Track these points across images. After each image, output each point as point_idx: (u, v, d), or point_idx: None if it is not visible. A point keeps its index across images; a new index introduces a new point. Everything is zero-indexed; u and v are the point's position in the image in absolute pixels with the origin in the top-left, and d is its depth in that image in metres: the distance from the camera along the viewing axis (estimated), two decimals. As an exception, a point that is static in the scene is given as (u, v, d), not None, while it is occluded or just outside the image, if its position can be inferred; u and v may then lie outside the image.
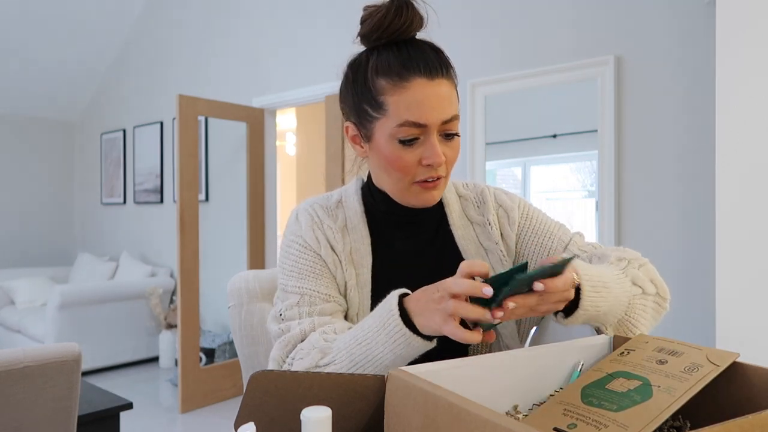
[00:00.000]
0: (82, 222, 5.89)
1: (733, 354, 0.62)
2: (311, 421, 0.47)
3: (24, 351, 1.04)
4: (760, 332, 1.64)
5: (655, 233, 2.34)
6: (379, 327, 0.75)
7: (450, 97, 0.86)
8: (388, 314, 0.74)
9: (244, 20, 4.13)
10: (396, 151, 0.86)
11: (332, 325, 0.86)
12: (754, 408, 0.59)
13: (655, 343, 0.70)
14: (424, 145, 0.86)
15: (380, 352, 0.74)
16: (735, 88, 1.68)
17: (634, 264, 0.88)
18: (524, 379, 0.68)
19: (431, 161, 0.85)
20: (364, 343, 0.75)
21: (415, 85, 0.84)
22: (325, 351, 0.80)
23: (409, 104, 0.84)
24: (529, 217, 1.00)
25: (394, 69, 0.85)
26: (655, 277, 0.89)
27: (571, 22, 2.56)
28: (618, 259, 0.89)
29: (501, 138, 2.86)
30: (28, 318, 4.37)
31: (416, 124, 0.84)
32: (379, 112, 0.87)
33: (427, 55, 0.86)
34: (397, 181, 0.90)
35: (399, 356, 0.74)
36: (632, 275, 0.85)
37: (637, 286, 0.85)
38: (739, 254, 1.68)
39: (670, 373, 0.62)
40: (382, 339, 0.74)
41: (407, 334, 0.72)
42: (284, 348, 0.86)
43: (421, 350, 0.74)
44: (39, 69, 5.13)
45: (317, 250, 0.93)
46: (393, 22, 0.85)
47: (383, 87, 0.86)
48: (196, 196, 3.55)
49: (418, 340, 0.73)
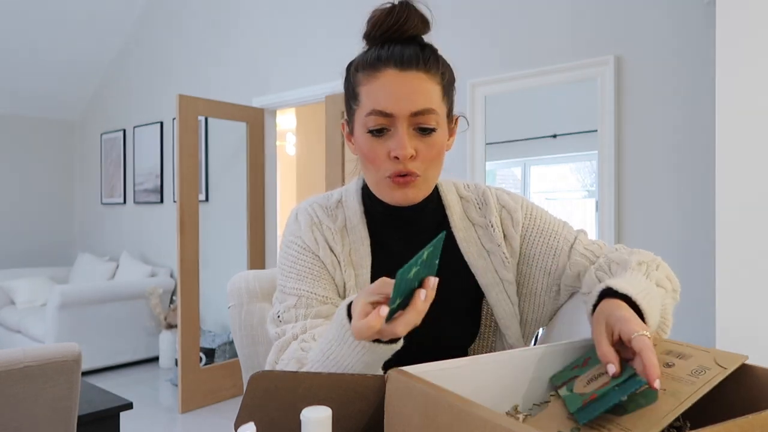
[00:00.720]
0: (82, 222, 5.89)
1: (742, 356, 0.61)
2: (311, 421, 0.47)
3: (24, 351, 1.04)
4: (761, 332, 1.64)
5: (655, 233, 2.33)
6: (339, 340, 0.72)
7: (424, 89, 0.85)
8: (341, 327, 0.71)
9: (244, 20, 4.12)
10: (367, 143, 0.87)
11: (313, 331, 0.85)
12: (761, 410, 0.58)
13: (663, 345, 0.69)
14: (392, 138, 0.85)
15: (348, 362, 0.71)
16: (735, 88, 1.68)
17: (652, 266, 0.87)
18: (524, 379, 0.68)
19: (397, 153, 0.84)
20: (331, 357, 0.73)
21: (385, 75, 0.84)
22: (302, 361, 0.80)
23: (377, 93, 0.84)
24: (533, 217, 0.99)
25: (369, 61, 0.86)
26: (670, 273, 0.89)
27: (570, 22, 2.55)
28: (638, 263, 0.87)
29: (501, 138, 2.86)
30: (28, 318, 4.37)
31: (382, 113, 0.84)
32: (356, 103, 0.88)
33: (407, 50, 0.85)
34: (373, 174, 0.89)
35: (367, 363, 0.71)
36: (656, 278, 0.84)
37: (661, 287, 0.84)
38: (739, 254, 1.68)
39: (676, 376, 0.62)
40: (345, 352, 0.71)
41: (365, 344, 0.69)
42: (278, 352, 0.86)
43: (388, 352, 0.70)
44: (39, 69, 5.13)
45: (315, 251, 0.92)
46: (385, 21, 0.86)
47: (359, 79, 0.87)
48: (196, 196, 3.55)
49: (380, 346, 0.69)
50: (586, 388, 0.63)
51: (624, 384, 0.60)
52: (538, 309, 0.99)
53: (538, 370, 0.69)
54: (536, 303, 0.98)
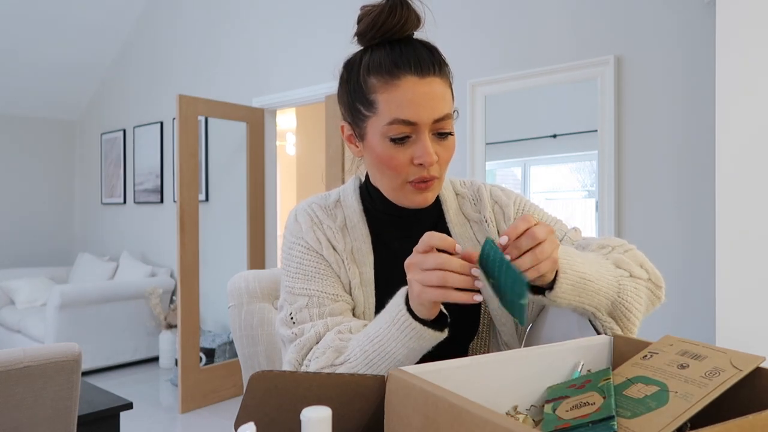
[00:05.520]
0: (82, 222, 5.89)
1: (759, 358, 0.60)
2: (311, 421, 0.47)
3: (24, 351, 1.04)
4: (761, 332, 1.64)
5: (654, 233, 2.34)
6: (390, 323, 0.75)
7: (442, 95, 0.85)
8: (397, 309, 0.75)
9: (244, 20, 4.13)
10: (387, 150, 0.86)
11: (347, 324, 0.86)
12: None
13: (679, 345, 0.68)
14: (415, 144, 0.85)
15: (393, 347, 0.75)
16: (735, 87, 1.68)
17: (618, 250, 0.87)
18: (524, 379, 0.68)
19: (422, 161, 0.85)
20: (376, 340, 0.76)
21: (405, 83, 0.84)
22: (340, 350, 0.81)
23: (399, 102, 0.84)
24: (525, 212, 0.99)
25: (385, 67, 0.85)
26: (645, 262, 0.87)
27: (570, 22, 2.56)
28: (600, 246, 0.88)
29: (501, 138, 2.86)
30: (28, 318, 4.37)
31: (406, 122, 0.84)
32: (371, 110, 0.87)
33: (419, 53, 0.85)
34: (391, 180, 0.89)
35: (412, 350, 0.75)
36: (614, 259, 0.84)
37: (623, 269, 0.83)
38: (739, 254, 1.68)
39: (689, 378, 0.60)
40: (394, 334, 0.75)
41: (417, 327, 0.73)
42: (300, 351, 0.86)
43: (432, 341, 0.75)
44: (39, 69, 5.13)
45: (319, 250, 0.92)
46: (387, 21, 0.85)
47: (374, 85, 0.86)
48: (196, 196, 3.55)
49: (429, 331, 0.73)
50: (567, 413, 0.62)
51: (599, 423, 0.59)
52: (528, 306, 0.98)
53: (538, 371, 0.69)
54: None
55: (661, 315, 2.05)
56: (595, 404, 0.61)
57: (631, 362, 0.68)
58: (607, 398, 0.61)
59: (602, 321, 0.81)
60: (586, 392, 0.65)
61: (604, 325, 0.81)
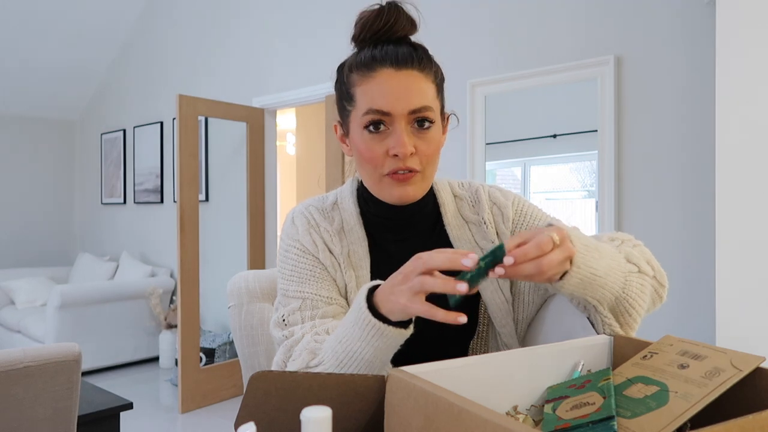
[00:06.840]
0: (82, 222, 5.89)
1: (759, 358, 0.60)
2: (311, 421, 0.47)
3: (24, 351, 1.04)
4: (761, 332, 1.64)
5: (655, 233, 2.34)
6: (353, 322, 0.74)
7: (420, 87, 0.86)
8: (358, 308, 0.74)
9: (244, 20, 4.13)
10: (365, 142, 0.87)
11: (326, 325, 0.86)
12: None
13: (679, 345, 0.68)
14: (391, 136, 0.86)
15: (359, 346, 0.74)
16: (735, 88, 1.68)
17: (628, 243, 0.87)
18: (524, 379, 0.68)
19: (396, 151, 0.85)
20: (344, 341, 0.75)
21: (381, 75, 0.85)
22: (315, 352, 0.81)
23: (373, 93, 0.85)
24: (524, 213, 0.99)
25: (364, 62, 0.87)
26: (651, 259, 0.86)
27: (571, 22, 2.56)
28: (610, 239, 0.87)
29: (501, 138, 2.86)
30: (28, 318, 4.37)
31: (380, 111, 0.85)
32: (351, 104, 0.89)
33: (401, 49, 0.87)
34: (371, 173, 0.90)
35: (378, 349, 0.73)
36: (626, 252, 0.83)
37: (632, 264, 0.82)
38: (739, 254, 1.68)
39: (689, 378, 0.60)
40: (357, 334, 0.73)
41: (377, 325, 0.71)
42: (286, 353, 0.86)
43: (398, 339, 0.73)
44: (39, 69, 5.13)
45: (315, 253, 0.93)
46: (375, 23, 0.88)
47: (354, 80, 0.88)
48: (196, 196, 3.55)
49: (390, 329, 0.71)
50: (567, 413, 0.62)
51: (599, 423, 0.59)
52: (527, 307, 0.98)
53: (538, 371, 0.69)
54: (525, 301, 0.98)
55: (661, 315, 2.05)
56: (595, 404, 0.61)
57: (631, 362, 0.68)
58: (607, 398, 0.61)
59: (602, 316, 0.80)
60: (586, 392, 0.65)
61: (604, 321, 0.80)
